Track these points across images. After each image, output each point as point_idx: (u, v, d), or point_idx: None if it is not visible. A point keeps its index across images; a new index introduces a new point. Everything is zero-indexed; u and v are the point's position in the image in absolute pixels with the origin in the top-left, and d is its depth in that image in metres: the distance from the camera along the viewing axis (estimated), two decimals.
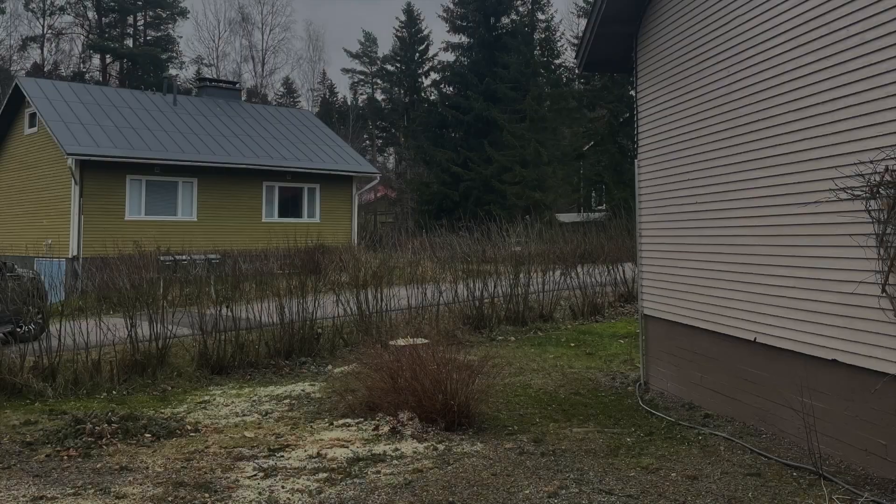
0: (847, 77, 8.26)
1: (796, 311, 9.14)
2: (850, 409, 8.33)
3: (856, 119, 8.12)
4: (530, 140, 54.90)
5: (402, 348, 11.66)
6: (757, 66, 9.90)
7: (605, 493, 7.82)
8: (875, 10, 7.90)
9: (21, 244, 31.75)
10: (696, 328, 11.54)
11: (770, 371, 9.75)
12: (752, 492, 7.78)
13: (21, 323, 15.05)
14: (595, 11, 13.15)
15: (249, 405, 12.30)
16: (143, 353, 14.35)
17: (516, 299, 20.15)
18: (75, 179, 30.22)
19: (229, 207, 34.24)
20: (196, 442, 10.13)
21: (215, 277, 20.07)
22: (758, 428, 9.96)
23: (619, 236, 27.57)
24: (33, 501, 7.98)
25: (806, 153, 8.93)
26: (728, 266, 10.66)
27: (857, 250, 8.00)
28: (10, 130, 36.56)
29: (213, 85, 44.39)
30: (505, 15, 65.44)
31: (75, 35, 78.86)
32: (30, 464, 9.35)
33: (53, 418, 11.48)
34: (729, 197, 10.62)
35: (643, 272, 13.39)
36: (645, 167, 13.19)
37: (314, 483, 8.35)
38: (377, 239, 37.88)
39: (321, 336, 16.64)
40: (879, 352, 7.79)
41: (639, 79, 13.40)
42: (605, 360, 15.27)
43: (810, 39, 8.86)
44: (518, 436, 10.06)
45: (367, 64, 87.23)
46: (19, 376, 13.07)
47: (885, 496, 7.43)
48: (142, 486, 8.35)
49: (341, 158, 38.74)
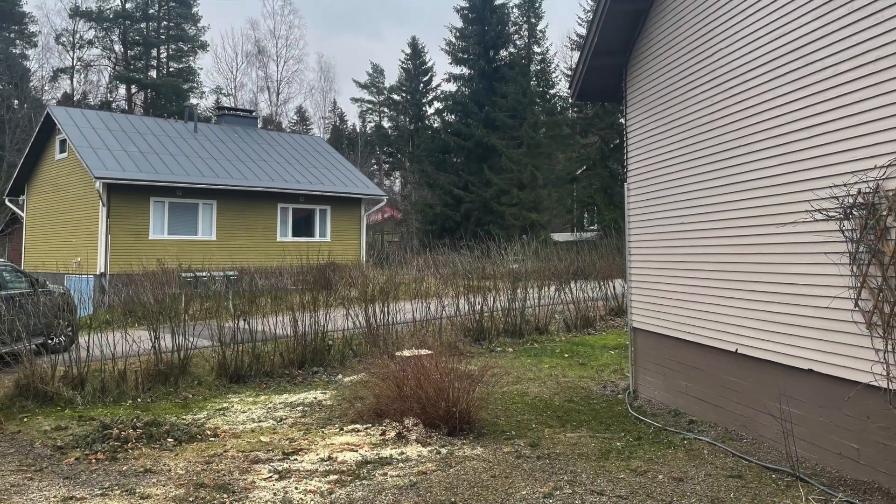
0: (822, 106, 8.30)
1: (775, 324, 9.16)
2: (825, 416, 8.34)
3: (830, 145, 8.16)
4: (527, 165, 54.98)
5: (407, 359, 11.66)
6: (738, 95, 9.95)
7: (597, 494, 7.82)
8: (848, 43, 7.95)
9: (52, 262, 31.85)
10: (682, 340, 11.55)
11: (750, 380, 9.76)
12: (734, 493, 7.78)
13: (52, 335, 15.08)
14: (587, 45, 13.22)
15: (265, 412, 12.30)
16: (165, 364, 14.37)
17: (514, 313, 20.15)
18: (103, 201, 30.27)
19: (246, 227, 34.27)
20: (215, 446, 10.14)
21: (233, 293, 20.08)
22: (739, 433, 9.96)
23: (609, 254, 27.64)
24: (63, 501, 8.00)
25: (784, 177, 8.97)
26: (711, 282, 10.69)
27: (831, 267, 8.05)
28: (42, 156, 36.63)
29: (231, 113, 44.51)
30: (503, 48, 65.56)
31: (103, 67, 79.18)
32: (60, 466, 9.37)
33: (82, 424, 11.49)
34: (712, 217, 10.65)
35: (632, 288, 13.41)
36: (634, 190, 13.22)
37: (325, 484, 8.35)
38: (384, 257, 37.87)
39: (332, 347, 16.64)
40: (852, 362, 7.81)
41: (628, 107, 13.44)
42: (596, 370, 15.26)
43: (788, 71, 8.91)
44: (515, 440, 10.06)
45: (375, 94, 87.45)
46: (50, 385, 13.08)
47: (858, 496, 7.44)
48: (165, 488, 8.36)
49: (351, 182, 38.78)
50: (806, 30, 8.59)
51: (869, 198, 7.49)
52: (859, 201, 7.62)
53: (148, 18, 79.09)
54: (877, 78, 7.50)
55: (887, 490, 7.45)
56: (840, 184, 7.91)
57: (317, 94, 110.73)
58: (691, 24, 11.19)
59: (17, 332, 13.75)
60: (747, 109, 9.73)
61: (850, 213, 7.74)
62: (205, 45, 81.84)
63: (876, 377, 7.40)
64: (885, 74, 7.40)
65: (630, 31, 13.00)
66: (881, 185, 7.38)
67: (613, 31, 12.91)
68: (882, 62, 7.44)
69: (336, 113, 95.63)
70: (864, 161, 7.63)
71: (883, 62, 7.42)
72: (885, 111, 7.39)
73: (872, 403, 7.56)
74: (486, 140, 59.89)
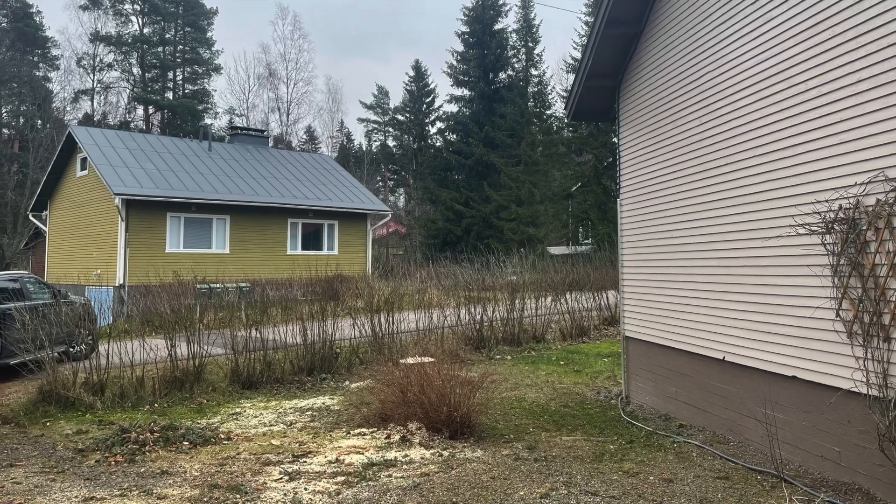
0: (805, 126, 8.34)
1: (760, 333, 9.18)
2: (808, 420, 8.35)
3: (813, 163, 8.20)
4: (525, 182, 55.03)
5: (411, 366, 11.67)
6: (725, 115, 9.98)
7: (591, 495, 7.83)
8: (830, 66, 7.99)
9: (73, 274, 31.90)
10: (672, 348, 11.56)
11: (737, 386, 9.77)
12: (722, 493, 7.79)
13: (74, 343, 15.10)
14: (582, 68, 13.27)
15: (276, 416, 12.31)
16: (181, 371, 14.39)
17: (512, 323, 20.16)
18: (121, 216, 30.32)
19: (258, 241, 34.30)
20: (229, 449, 10.16)
21: (245, 303, 20.09)
22: (726, 436, 9.97)
23: (603, 267, 27.62)
24: (84, 502, 8.01)
25: (769, 193, 9.00)
26: (700, 293, 10.71)
27: (814, 279, 8.07)
28: (64, 173, 36.69)
29: (244, 133, 44.59)
30: (502, 71, 65.67)
31: (122, 89, 79.25)
32: (81, 468, 9.39)
33: (102, 428, 11.51)
34: (700, 232, 10.68)
35: (624, 298, 13.42)
36: (626, 206, 13.25)
37: (333, 485, 8.37)
38: (389, 269, 37.90)
39: (339, 355, 16.66)
40: (834, 369, 7.82)
41: (621, 127, 13.48)
42: (590, 377, 15.26)
43: (772, 93, 8.95)
44: (514, 443, 10.06)
45: (380, 114, 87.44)
46: (72, 391, 13.12)
47: (839, 497, 7.45)
48: (180, 489, 8.38)
49: (357, 198, 38.82)
50: (790, 53, 8.64)
51: (849, 213, 7.52)
52: (840, 216, 7.66)
53: (164, 43, 79.27)
54: (857, 99, 7.54)
55: (867, 490, 7.46)
56: (822, 200, 7.95)
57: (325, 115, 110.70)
58: (680, 47, 11.24)
59: (41, 341, 13.79)
60: (734, 129, 9.77)
61: (832, 227, 7.77)
62: (219, 68, 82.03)
63: (856, 383, 7.42)
64: (864, 96, 7.44)
65: (622, 55, 13.05)
66: (861, 200, 7.41)
67: (607, 55, 12.97)
68: (862, 84, 7.48)
69: (343, 132, 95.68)
70: (845, 178, 7.66)
71: (863, 84, 7.47)
72: (864, 130, 7.43)
73: (853, 408, 7.58)
74: (485, 158, 59.98)
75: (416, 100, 77.87)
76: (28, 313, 14.27)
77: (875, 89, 7.30)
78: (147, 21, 78.58)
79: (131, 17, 78.20)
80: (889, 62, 7.14)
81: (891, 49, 7.14)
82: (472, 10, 65.19)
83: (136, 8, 77.69)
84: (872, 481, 7.42)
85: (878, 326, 7.19)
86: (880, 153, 7.21)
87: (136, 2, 77.11)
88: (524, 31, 67.32)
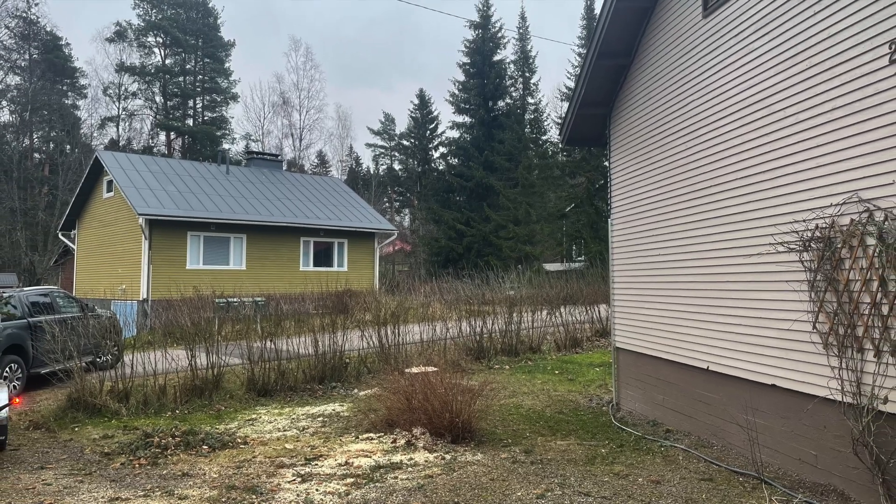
0: (784, 151, 8.39)
1: (742, 344, 9.20)
2: (787, 426, 8.36)
3: (791, 185, 8.24)
4: (522, 203, 55.10)
5: (415, 375, 11.68)
6: (709, 141, 10.03)
7: (584, 495, 7.84)
8: (807, 95, 8.06)
9: (100, 288, 31.92)
10: (660, 358, 11.57)
11: (720, 394, 9.78)
12: (706, 494, 7.80)
13: (100, 354, 15.15)
14: (575, 97, 13.34)
15: (289, 422, 12.32)
16: (201, 379, 14.40)
17: (510, 334, 20.14)
18: (145, 235, 30.37)
19: (272, 258, 34.31)
20: (245, 452, 10.17)
21: (261, 316, 20.13)
22: (710, 441, 9.97)
23: (595, 282, 27.69)
24: (110, 502, 8.03)
25: (750, 213, 9.04)
26: (685, 307, 10.73)
27: (792, 294, 8.11)
28: (91, 195, 36.75)
29: (259, 157, 44.65)
30: (501, 99, 65.85)
31: (145, 116, 79.39)
32: (107, 470, 9.41)
33: (127, 433, 11.52)
34: (686, 250, 10.72)
35: (615, 312, 13.44)
36: (616, 225, 13.29)
37: (343, 486, 8.38)
38: (395, 285, 37.96)
39: (349, 365, 16.65)
40: (810, 378, 7.85)
41: (611, 152, 13.53)
42: (583, 385, 15.25)
43: (753, 119, 9.01)
44: (511, 447, 10.07)
45: (387, 139, 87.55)
46: (99, 398, 13.13)
47: (816, 497, 7.46)
48: (200, 489, 8.40)
49: (365, 218, 38.86)
50: (770, 83, 8.70)
51: (825, 232, 7.57)
52: (817, 235, 7.70)
53: (185, 73, 79.52)
54: (832, 126, 7.60)
55: (842, 491, 7.47)
56: (800, 220, 8.00)
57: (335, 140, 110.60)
58: (667, 77, 11.31)
59: (70, 352, 13.82)
60: (717, 153, 9.81)
61: (809, 245, 7.81)
62: (236, 96, 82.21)
63: (832, 391, 7.44)
64: (839, 123, 7.49)
65: (613, 85, 13.12)
66: (836, 220, 7.45)
67: (598, 85, 13.04)
68: (837, 112, 7.54)
69: (352, 157, 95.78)
70: (821, 199, 7.71)
71: (838, 112, 7.52)
72: (839, 155, 7.48)
73: (828, 415, 7.59)
74: (485, 181, 60.18)
75: (420, 126, 78.00)
76: (58, 326, 14.34)
77: (849, 116, 7.36)
78: (169, 53, 78.87)
79: (154, 49, 78.52)
80: (862, 91, 7.21)
81: (863, 79, 7.20)
82: (473, 42, 65.51)
83: (158, 40, 77.94)
84: (847, 482, 7.43)
85: (852, 338, 7.22)
86: (854, 176, 7.26)
87: (158, 35, 77.31)
88: (521, 62, 67.53)
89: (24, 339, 15.13)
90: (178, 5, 77.98)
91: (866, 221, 7.04)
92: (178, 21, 77.22)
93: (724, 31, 9.71)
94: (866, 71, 7.16)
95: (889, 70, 6.88)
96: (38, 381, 15.38)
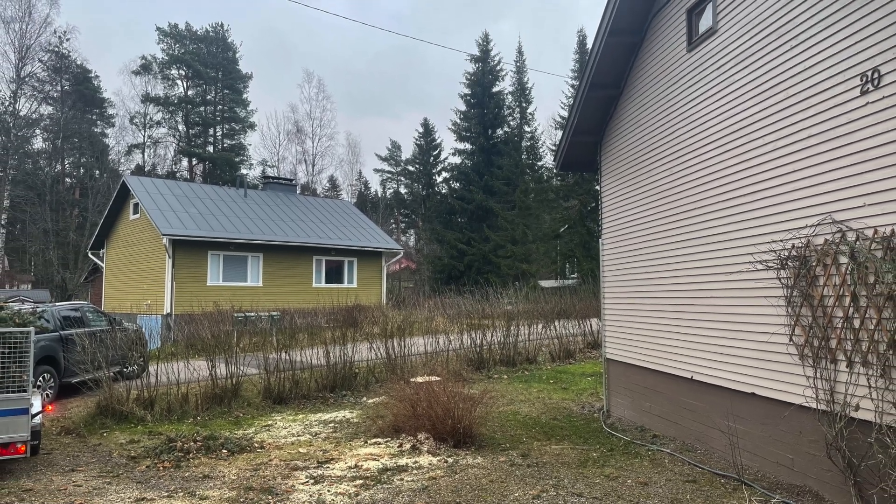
0: (762, 175, 8.45)
1: (724, 356, 9.23)
2: (765, 431, 8.38)
3: (769, 207, 8.30)
4: (519, 224, 55.15)
5: (420, 384, 11.70)
6: (693, 166, 10.10)
7: (577, 496, 7.86)
8: (784, 123, 8.14)
9: (127, 304, 31.90)
10: (647, 368, 11.59)
11: (703, 401, 9.80)
12: (690, 494, 7.81)
13: (127, 364, 15.15)
14: (568, 126, 13.42)
15: (303, 428, 12.33)
16: (220, 388, 14.41)
17: (508, 346, 20.15)
18: (168, 254, 30.43)
19: (287, 275, 34.34)
20: (262, 456, 10.18)
21: (276, 329, 20.13)
22: (694, 445, 9.98)
23: (587, 298, 27.67)
24: (137, 502, 8.06)
25: (731, 234, 9.10)
26: (671, 321, 10.76)
27: (770, 308, 8.15)
28: (118, 216, 36.83)
29: (275, 181, 44.75)
30: (499, 127, 65.92)
31: (169, 143, 79.49)
32: (133, 473, 9.42)
33: (152, 438, 11.54)
34: (672, 267, 10.76)
35: (605, 325, 13.46)
36: (607, 244, 13.34)
37: (353, 488, 8.40)
38: (401, 300, 37.88)
39: (358, 374, 16.64)
40: (787, 387, 7.87)
41: (602, 176, 13.59)
42: (576, 394, 15.25)
43: (734, 146, 9.08)
44: (509, 451, 10.08)
45: (394, 165, 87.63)
46: (126, 405, 13.15)
47: (792, 498, 7.47)
48: (220, 490, 8.42)
49: (373, 238, 38.91)
50: (749, 112, 8.78)
51: (801, 251, 7.62)
52: (793, 254, 7.75)
53: (206, 103, 79.78)
54: (807, 153, 7.67)
55: (816, 492, 7.48)
56: (777, 240, 8.06)
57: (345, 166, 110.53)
58: (654, 107, 11.39)
59: (98, 362, 13.86)
60: (700, 178, 9.88)
61: (786, 263, 7.86)
62: (253, 125, 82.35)
63: (807, 399, 7.47)
64: (814, 150, 7.56)
65: (603, 114, 13.20)
66: (811, 240, 7.50)
67: (590, 114, 13.12)
68: (812, 139, 7.61)
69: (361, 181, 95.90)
70: (797, 221, 7.77)
71: (813, 139, 7.59)
72: (813, 179, 7.54)
73: (804, 421, 7.62)
74: (485, 203, 60.26)
75: (424, 153, 78.15)
76: (87, 338, 14.37)
77: (823, 144, 7.43)
78: (191, 84, 79.14)
79: (177, 80, 78.76)
80: (835, 120, 7.28)
81: (836, 109, 7.28)
82: (473, 75, 65.69)
83: (181, 73, 78.19)
84: (821, 484, 7.44)
85: (826, 350, 7.25)
86: (828, 199, 7.32)
87: (181, 67, 77.58)
88: (518, 93, 67.66)
89: (56, 351, 15.14)
90: (200, 40, 78.38)
91: (839, 241, 7.09)
92: (200, 55, 77.58)
93: (707, 65, 9.80)
94: (839, 101, 7.24)
95: (860, 101, 6.95)
96: (70, 390, 15.39)
